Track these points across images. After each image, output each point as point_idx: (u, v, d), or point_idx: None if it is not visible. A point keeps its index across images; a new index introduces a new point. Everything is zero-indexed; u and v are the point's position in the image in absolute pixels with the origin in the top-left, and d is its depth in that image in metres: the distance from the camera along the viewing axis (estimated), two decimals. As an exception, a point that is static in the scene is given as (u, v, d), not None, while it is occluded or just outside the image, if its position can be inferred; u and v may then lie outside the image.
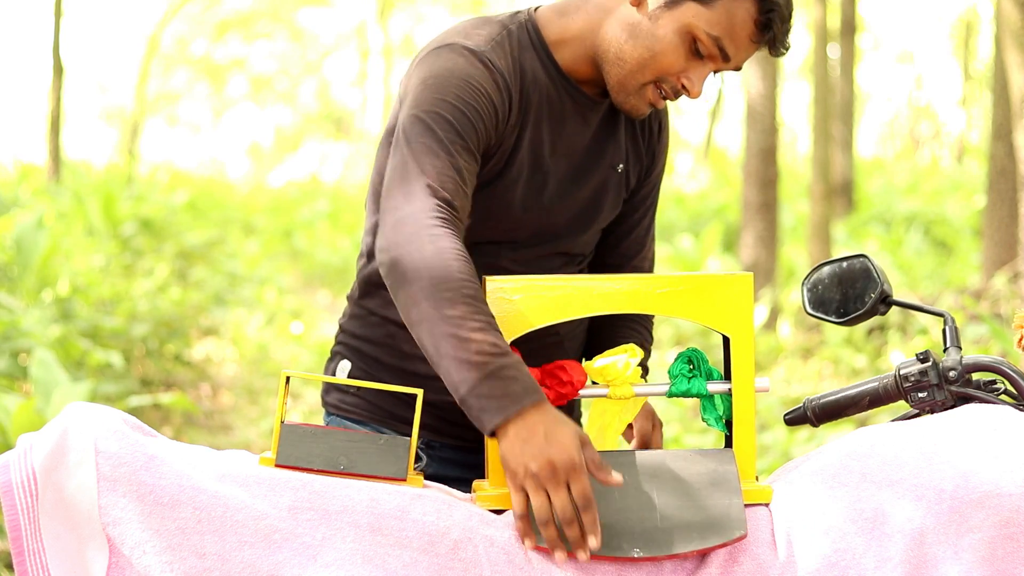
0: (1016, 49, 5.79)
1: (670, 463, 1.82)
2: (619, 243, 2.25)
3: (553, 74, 2.04)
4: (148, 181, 14.09)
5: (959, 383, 1.92)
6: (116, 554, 1.66)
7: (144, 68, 21.01)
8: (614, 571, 1.73)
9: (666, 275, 1.88)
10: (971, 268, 10.00)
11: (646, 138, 2.19)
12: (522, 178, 2.04)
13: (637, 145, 2.18)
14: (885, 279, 2.02)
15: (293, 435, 1.77)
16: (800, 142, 24.53)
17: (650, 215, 2.27)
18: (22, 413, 4.26)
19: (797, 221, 12.83)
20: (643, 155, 2.19)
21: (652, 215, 2.28)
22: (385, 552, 1.69)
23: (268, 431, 6.39)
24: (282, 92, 31.38)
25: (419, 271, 1.78)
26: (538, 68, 2.04)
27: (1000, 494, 1.70)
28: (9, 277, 6.55)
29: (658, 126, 2.20)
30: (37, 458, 1.69)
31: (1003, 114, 7.74)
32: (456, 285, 1.76)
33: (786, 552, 1.74)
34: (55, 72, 11.25)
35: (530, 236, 2.10)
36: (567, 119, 2.06)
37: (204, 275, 9.55)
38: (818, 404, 2.02)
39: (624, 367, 1.87)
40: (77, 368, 5.88)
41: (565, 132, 2.07)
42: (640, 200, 2.23)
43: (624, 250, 2.25)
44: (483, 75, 1.96)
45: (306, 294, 12.25)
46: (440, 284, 1.76)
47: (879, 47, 28.48)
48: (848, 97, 13.46)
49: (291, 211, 17.49)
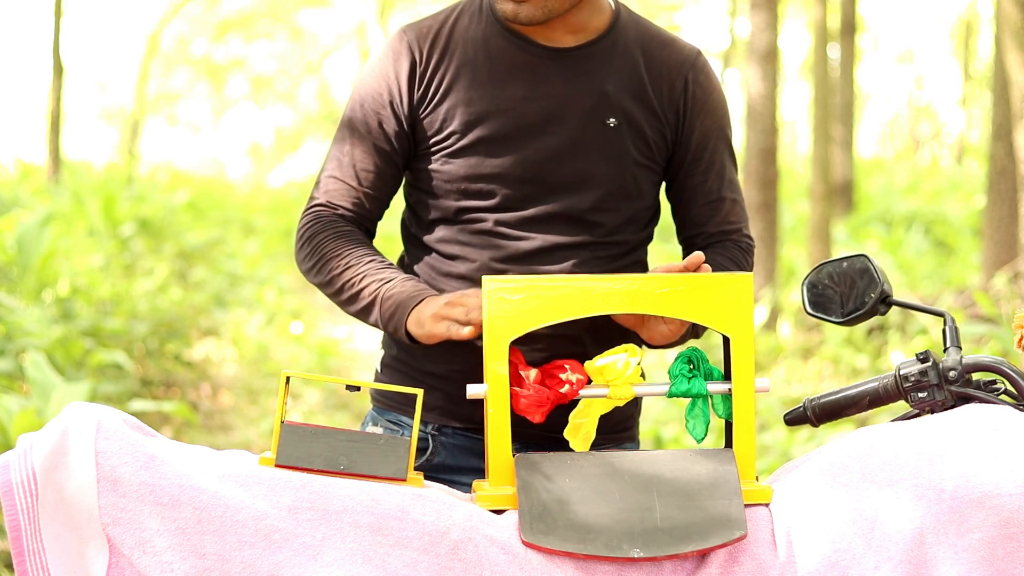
0: (1016, 49, 5.80)
1: (670, 463, 1.82)
2: (689, 211, 2.25)
3: (496, 31, 2.14)
4: (148, 181, 14.08)
5: (959, 383, 1.92)
6: (116, 554, 1.66)
7: (144, 68, 21.01)
8: (614, 571, 1.73)
9: (666, 275, 1.88)
10: (971, 268, 9.99)
11: (664, 94, 2.18)
12: (479, 136, 2.12)
13: (647, 101, 2.16)
14: (885, 279, 2.02)
15: (293, 435, 1.77)
16: (800, 142, 24.53)
17: (714, 179, 2.23)
18: (24, 417, 4.26)
19: (797, 221, 12.82)
20: (663, 113, 2.18)
21: (720, 179, 2.24)
22: (385, 552, 1.69)
23: (268, 431, 6.39)
24: (282, 92, 31.36)
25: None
26: (478, 30, 2.15)
27: (1000, 494, 1.70)
28: (9, 277, 6.55)
29: (684, 82, 2.19)
30: (37, 458, 1.69)
31: (1003, 114, 7.73)
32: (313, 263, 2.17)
33: (786, 552, 1.74)
34: (55, 72, 11.24)
35: (518, 196, 2.14)
36: (518, 71, 2.13)
37: (204, 275, 9.54)
38: (818, 404, 2.02)
39: (624, 367, 1.87)
40: (78, 368, 5.88)
41: (517, 84, 2.13)
42: (692, 163, 2.21)
43: (697, 218, 2.25)
44: (390, 51, 2.17)
45: (306, 294, 12.24)
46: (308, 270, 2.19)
47: (879, 47, 28.47)
48: (848, 97, 13.46)
49: (291, 211, 17.48)
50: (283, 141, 32.55)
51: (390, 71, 2.16)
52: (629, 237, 2.19)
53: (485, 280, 1.84)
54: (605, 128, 2.14)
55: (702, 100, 2.20)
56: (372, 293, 2.09)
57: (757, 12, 8.62)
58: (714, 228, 2.25)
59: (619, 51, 2.16)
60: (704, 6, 24.61)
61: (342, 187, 2.18)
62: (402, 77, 2.15)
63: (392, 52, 2.17)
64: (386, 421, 2.23)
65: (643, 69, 2.17)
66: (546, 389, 1.88)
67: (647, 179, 2.19)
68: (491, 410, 1.83)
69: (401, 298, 2.06)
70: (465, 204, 2.15)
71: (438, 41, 2.16)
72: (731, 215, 2.25)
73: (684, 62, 2.19)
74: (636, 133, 2.16)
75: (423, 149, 2.17)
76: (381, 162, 2.17)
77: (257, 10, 27.32)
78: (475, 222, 2.15)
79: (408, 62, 2.15)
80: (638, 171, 2.17)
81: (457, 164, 2.14)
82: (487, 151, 2.13)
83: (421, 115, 2.15)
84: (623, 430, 2.25)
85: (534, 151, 2.13)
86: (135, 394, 6.33)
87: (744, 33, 18.02)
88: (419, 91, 2.15)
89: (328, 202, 2.19)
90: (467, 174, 2.14)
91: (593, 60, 2.15)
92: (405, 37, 2.17)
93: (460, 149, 2.14)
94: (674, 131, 2.19)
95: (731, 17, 19.83)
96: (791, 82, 26.12)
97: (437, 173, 2.16)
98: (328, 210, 2.19)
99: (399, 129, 2.16)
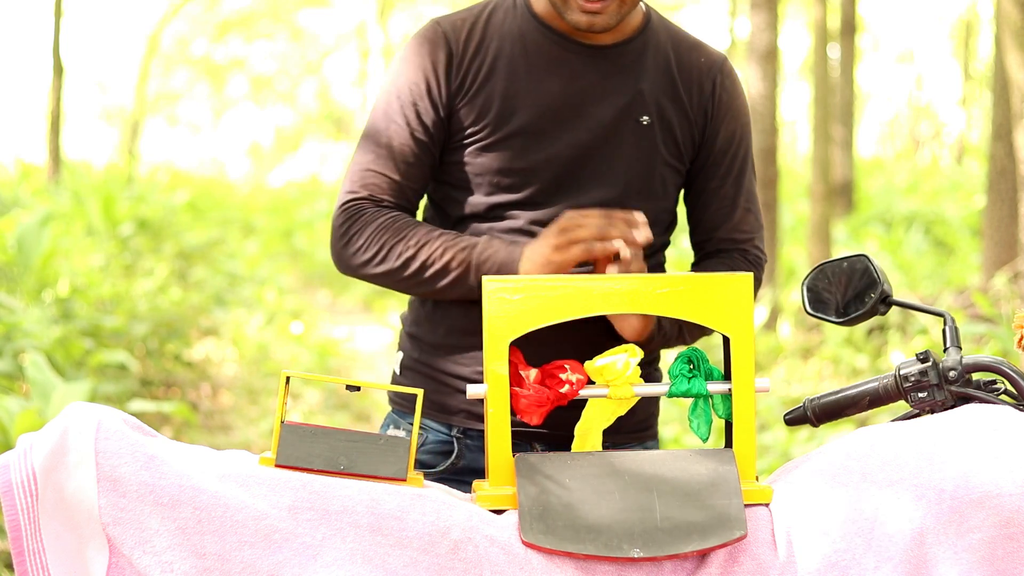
0: (1016, 49, 5.80)
1: (670, 463, 1.82)
2: (702, 215, 2.26)
3: (532, 27, 2.15)
4: (148, 181, 14.07)
5: (959, 383, 1.92)
6: (116, 554, 1.66)
7: (144, 68, 21.00)
8: (614, 571, 1.73)
9: (666, 275, 1.88)
10: (971, 268, 9.99)
11: (694, 95, 2.19)
12: (514, 129, 2.13)
13: (679, 101, 2.18)
14: (885, 279, 2.02)
15: (293, 435, 1.77)
16: (800, 142, 24.52)
17: (731, 185, 2.24)
18: (24, 417, 4.26)
19: (797, 221, 12.82)
20: (691, 113, 2.19)
21: (737, 186, 2.25)
22: (385, 552, 1.69)
23: (268, 431, 6.39)
24: (282, 92, 31.37)
25: None
26: (514, 24, 2.15)
27: (1000, 494, 1.70)
28: (9, 277, 6.54)
29: (712, 85, 2.20)
30: (37, 458, 1.69)
31: (1003, 114, 7.74)
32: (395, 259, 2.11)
33: (786, 552, 1.74)
34: (55, 72, 11.25)
35: (549, 191, 2.14)
36: (555, 66, 2.14)
37: (204, 275, 9.54)
38: (818, 404, 2.02)
39: (624, 367, 1.87)
40: (78, 368, 5.88)
41: (554, 79, 2.13)
42: (712, 167, 2.23)
43: (708, 222, 2.25)
44: (425, 41, 2.15)
45: (306, 294, 12.26)
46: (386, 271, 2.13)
47: (879, 47, 28.47)
48: (848, 97, 13.46)
49: (291, 211, 17.49)
50: (283, 141, 32.56)
51: (427, 61, 2.15)
52: (652, 239, 2.20)
53: (485, 280, 1.84)
54: (638, 126, 2.15)
55: (728, 104, 2.22)
56: (462, 262, 2.08)
57: (757, 12, 8.62)
58: (725, 234, 2.26)
59: (651, 51, 2.18)
60: (704, 6, 24.62)
61: (382, 179, 2.16)
62: (439, 67, 2.15)
63: (428, 43, 2.16)
64: (408, 424, 2.23)
65: (675, 70, 2.19)
66: (546, 389, 1.88)
67: (673, 180, 2.21)
68: (491, 410, 1.83)
69: (500, 256, 2.06)
70: (497, 199, 2.16)
71: (474, 33, 2.16)
72: (743, 224, 2.26)
73: (713, 65, 2.21)
74: (667, 132, 2.18)
75: (456, 141, 2.17)
76: (420, 152, 2.16)
77: (257, 10, 27.32)
78: (508, 219, 2.16)
79: (445, 52, 2.15)
80: (666, 171, 2.19)
81: (490, 157, 2.14)
82: (521, 144, 2.13)
83: (457, 106, 2.15)
84: (646, 428, 2.26)
85: (568, 146, 2.14)
86: (135, 394, 6.33)
87: (744, 33, 18.02)
88: (456, 81, 2.15)
89: (370, 195, 2.16)
90: (500, 167, 2.14)
91: (628, 58, 2.16)
92: (440, 28, 2.17)
93: (494, 142, 2.14)
94: (701, 133, 2.21)
95: (731, 17, 19.83)
96: (791, 82, 26.12)
97: (468, 166, 2.16)
98: (371, 203, 2.16)
99: (436, 119, 2.15)
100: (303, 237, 15.07)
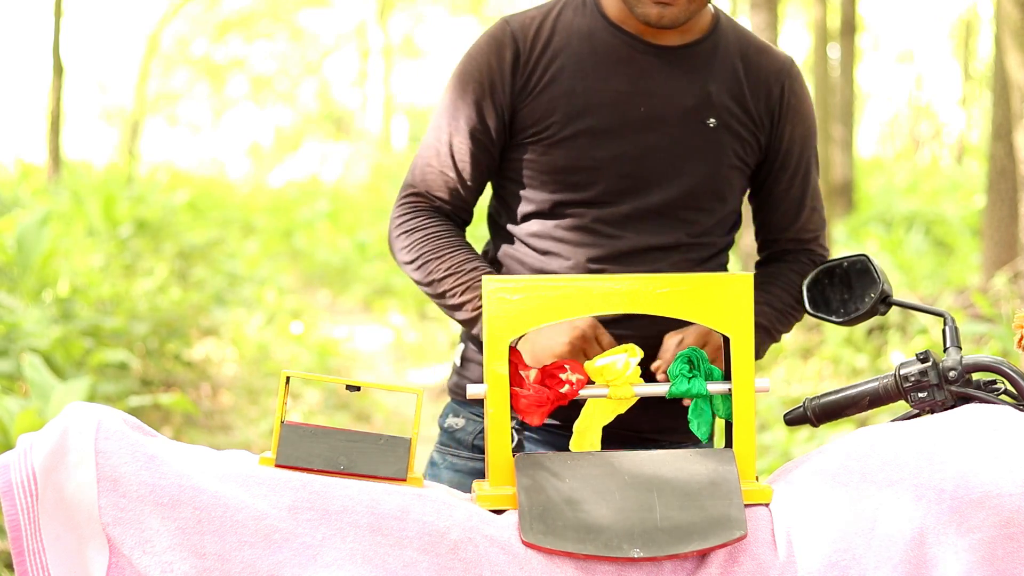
0: (1016, 49, 5.80)
1: (670, 463, 1.82)
2: (770, 216, 2.28)
3: (601, 25, 2.16)
4: (148, 181, 14.07)
5: (959, 383, 1.92)
6: (116, 554, 1.66)
7: (144, 68, 20.99)
8: (614, 571, 1.73)
9: (666, 275, 1.88)
10: (971, 268, 9.99)
11: (761, 99, 2.21)
12: (580, 127, 2.13)
13: (745, 105, 2.19)
14: (885, 279, 2.02)
15: (293, 435, 1.77)
16: (800, 142, 24.46)
17: (798, 186, 2.27)
18: (24, 417, 4.26)
19: (797, 221, 12.78)
20: (759, 117, 2.21)
21: (803, 187, 2.28)
22: (385, 552, 1.69)
23: (268, 431, 6.38)
24: (282, 92, 31.36)
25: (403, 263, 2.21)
26: (583, 23, 2.16)
27: (1000, 494, 1.70)
28: (9, 277, 6.54)
29: (780, 89, 2.22)
30: (37, 458, 1.69)
31: (1003, 114, 7.73)
32: (427, 272, 2.15)
33: (786, 552, 1.74)
34: (55, 72, 11.24)
35: (615, 190, 2.15)
36: (623, 65, 2.15)
37: (204, 275, 9.54)
38: (818, 404, 2.02)
39: (624, 367, 1.87)
40: (77, 368, 5.87)
41: (621, 78, 2.14)
42: (779, 170, 2.25)
43: (777, 223, 2.28)
44: (492, 40, 2.17)
45: (306, 294, 12.25)
46: (418, 276, 2.17)
47: (879, 47, 28.47)
48: (848, 97, 13.45)
49: (291, 211, 17.48)
50: (283, 141, 32.54)
51: (493, 60, 2.16)
52: (717, 239, 2.22)
53: (485, 280, 1.84)
54: (705, 128, 2.16)
55: (795, 108, 2.24)
56: (475, 309, 2.12)
57: (757, 12, 8.62)
58: (793, 235, 2.29)
59: (720, 53, 2.19)
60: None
61: (439, 177, 2.20)
62: (505, 67, 2.16)
63: (495, 41, 2.17)
64: (469, 413, 2.27)
65: (742, 73, 2.20)
66: (546, 389, 1.88)
67: (738, 182, 2.23)
68: (491, 410, 1.83)
69: None
70: (562, 197, 2.17)
71: (542, 31, 2.17)
72: (810, 223, 2.29)
73: (781, 69, 2.23)
74: (733, 135, 2.18)
75: (521, 139, 2.18)
76: (479, 152, 2.18)
77: (257, 10, 27.33)
78: (572, 216, 2.17)
79: (512, 51, 2.16)
80: (731, 173, 2.20)
81: (557, 155, 2.15)
82: (588, 143, 2.14)
83: (523, 104, 2.16)
84: (685, 426, 2.26)
85: (634, 146, 2.14)
86: (135, 394, 6.32)
87: (744, 33, 17.99)
88: (522, 80, 2.16)
89: (426, 192, 2.21)
90: (566, 165, 2.15)
91: (696, 60, 2.17)
92: (508, 27, 2.18)
93: (561, 140, 2.15)
94: (767, 136, 2.22)
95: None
96: (791, 82, 26.05)
97: (534, 163, 2.17)
98: (425, 201, 2.21)
99: (499, 119, 2.17)
100: (303, 237, 15.06)
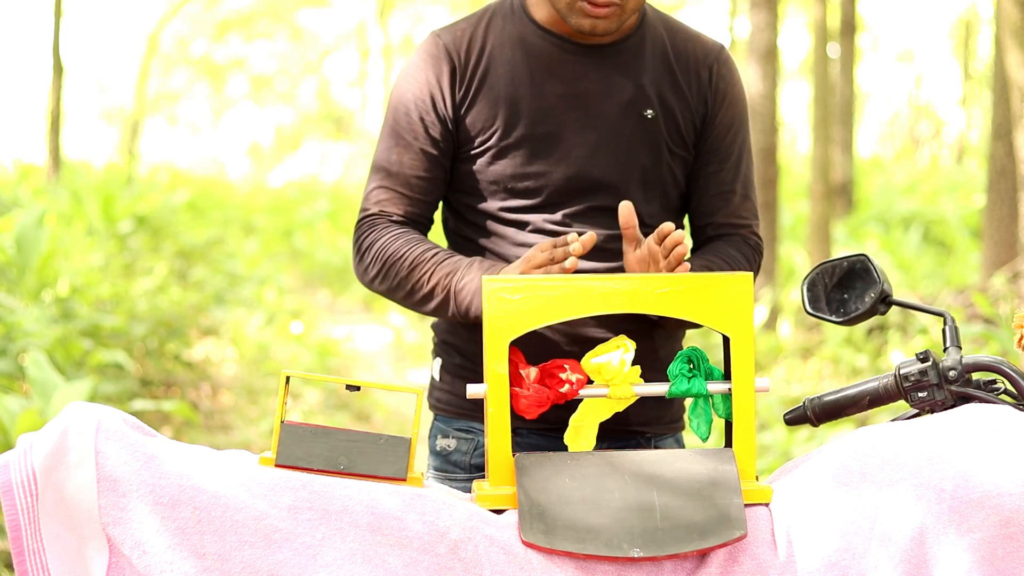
0: (1016, 49, 5.80)
1: (670, 463, 1.82)
2: (700, 200, 2.28)
3: (531, 30, 2.18)
4: (148, 181, 14.08)
5: (959, 383, 1.92)
6: (116, 554, 1.66)
7: (144, 68, 20.99)
8: (614, 571, 1.73)
9: (666, 275, 1.88)
10: (971, 268, 10.00)
11: (693, 85, 2.23)
12: (521, 134, 2.15)
13: (680, 91, 2.21)
14: (885, 279, 2.02)
15: (293, 435, 1.77)
16: (800, 142, 24.51)
17: (729, 171, 2.27)
18: (25, 417, 4.26)
19: (797, 221, 12.82)
20: (691, 101, 2.23)
21: (735, 172, 2.28)
22: (385, 552, 1.69)
23: (268, 431, 6.38)
24: (282, 92, 31.37)
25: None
26: (513, 30, 2.19)
27: (1000, 494, 1.70)
28: (9, 277, 6.54)
29: (708, 73, 2.24)
30: (37, 458, 1.69)
31: (1003, 114, 7.74)
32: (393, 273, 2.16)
33: (786, 552, 1.74)
34: (55, 72, 11.25)
35: (564, 191, 2.17)
36: (556, 68, 2.17)
37: (204, 275, 9.54)
38: (818, 404, 2.02)
39: (620, 364, 1.87)
40: (78, 368, 5.87)
41: (556, 81, 2.16)
42: (710, 153, 2.26)
43: (707, 207, 2.28)
44: (427, 55, 2.19)
45: (306, 294, 12.25)
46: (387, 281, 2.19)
47: (879, 47, 28.47)
48: (848, 97, 13.45)
49: (291, 211, 17.48)
50: (283, 141, 32.55)
51: (431, 75, 2.18)
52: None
53: (485, 280, 1.84)
54: (643, 120, 2.19)
55: (724, 91, 2.26)
56: (444, 289, 2.12)
57: (757, 12, 8.62)
58: (723, 219, 2.28)
59: (649, 45, 2.21)
60: (704, 6, 24.61)
61: (393, 195, 2.21)
62: (443, 80, 2.18)
63: (430, 57, 2.19)
64: (455, 431, 2.25)
65: (673, 61, 2.22)
66: (546, 389, 1.88)
67: (680, 168, 2.25)
68: (491, 410, 1.83)
69: (474, 285, 2.09)
70: (513, 203, 2.19)
71: (474, 42, 2.19)
72: (741, 209, 2.28)
73: (709, 54, 2.25)
74: (671, 123, 2.21)
75: (466, 151, 2.20)
76: (430, 166, 2.20)
77: (257, 10, 27.32)
78: (526, 222, 2.18)
79: (448, 65, 2.18)
80: (673, 160, 2.23)
81: (502, 164, 2.18)
82: (531, 149, 2.16)
83: (463, 116, 2.18)
84: (678, 419, 2.29)
85: (577, 146, 2.16)
86: (135, 394, 6.32)
87: (744, 33, 18.02)
88: (460, 92, 2.18)
89: (381, 211, 2.21)
90: (513, 173, 2.17)
91: (627, 55, 2.19)
92: (441, 40, 2.20)
93: (503, 148, 2.17)
94: (701, 120, 2.24)
95: (731, 17, 19.82)
96: (791, 82, 26.11)
97: (481, 174, 2.19)
98: (381, 219, 2.21)
99: (444, 132, 2.19)
100: (303, 237, 15.07)
